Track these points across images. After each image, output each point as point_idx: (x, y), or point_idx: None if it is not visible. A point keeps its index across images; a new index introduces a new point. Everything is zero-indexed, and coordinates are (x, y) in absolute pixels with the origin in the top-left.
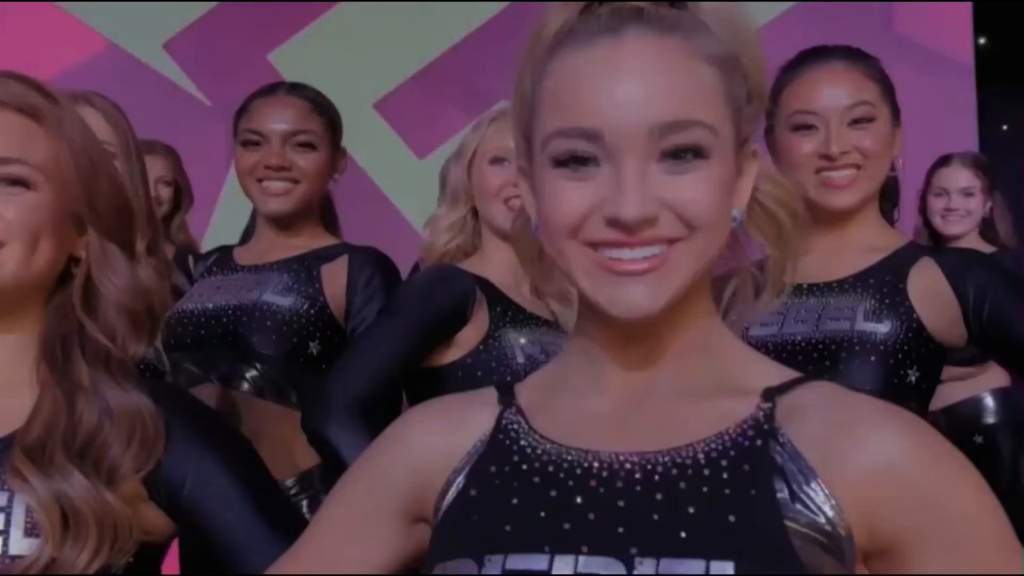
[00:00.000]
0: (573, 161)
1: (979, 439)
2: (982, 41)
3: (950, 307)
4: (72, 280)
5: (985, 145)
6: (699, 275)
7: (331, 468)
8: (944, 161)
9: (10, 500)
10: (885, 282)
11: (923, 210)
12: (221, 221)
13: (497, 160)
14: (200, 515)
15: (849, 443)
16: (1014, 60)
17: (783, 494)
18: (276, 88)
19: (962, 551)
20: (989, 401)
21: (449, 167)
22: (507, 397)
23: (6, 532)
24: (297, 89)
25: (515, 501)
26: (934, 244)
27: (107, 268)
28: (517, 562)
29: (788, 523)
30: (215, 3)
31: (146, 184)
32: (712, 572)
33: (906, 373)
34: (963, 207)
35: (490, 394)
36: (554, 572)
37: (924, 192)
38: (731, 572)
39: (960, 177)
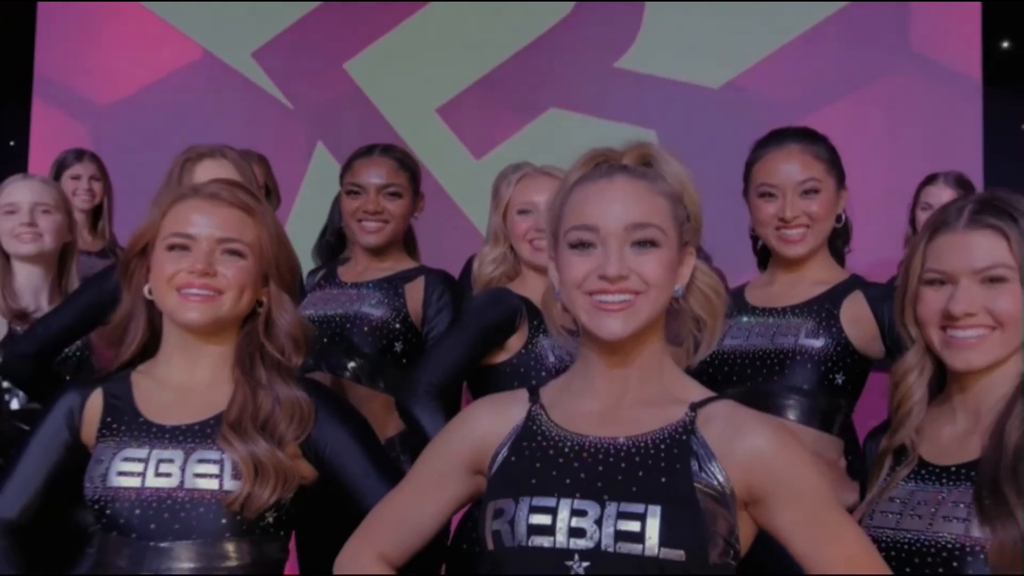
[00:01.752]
0: (581, 245)
1: None
2: (1005, 45)
3: (871, 329)
4: (258, 315)
5: (998, 145)
6: (653, 316)
7: (414, 436)
8: (930, 180)
9: (221, 456)
10: (824, 309)
11: (912, 221)
12: (301, 210)
13: (523, 211)
14: (335, 468)
15: (737, 440)
16: None
17: (695, 467)
18: (372, 149)
19: (802, 505)
20: None
21: (499, 185)
22: (534, 396)
23: (220, 476)
24: (388, 151)
25: (538, 465)
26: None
27: (281, 309)
28: (538, 501)
29: (696, 484)
30: (298, 17)
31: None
32: (649, 511)
33: (834, 377)
34: None
35: (523, 394)
36: (559, 508)
37: (913, 206)
38: (659, 511)
39: (943, 194)
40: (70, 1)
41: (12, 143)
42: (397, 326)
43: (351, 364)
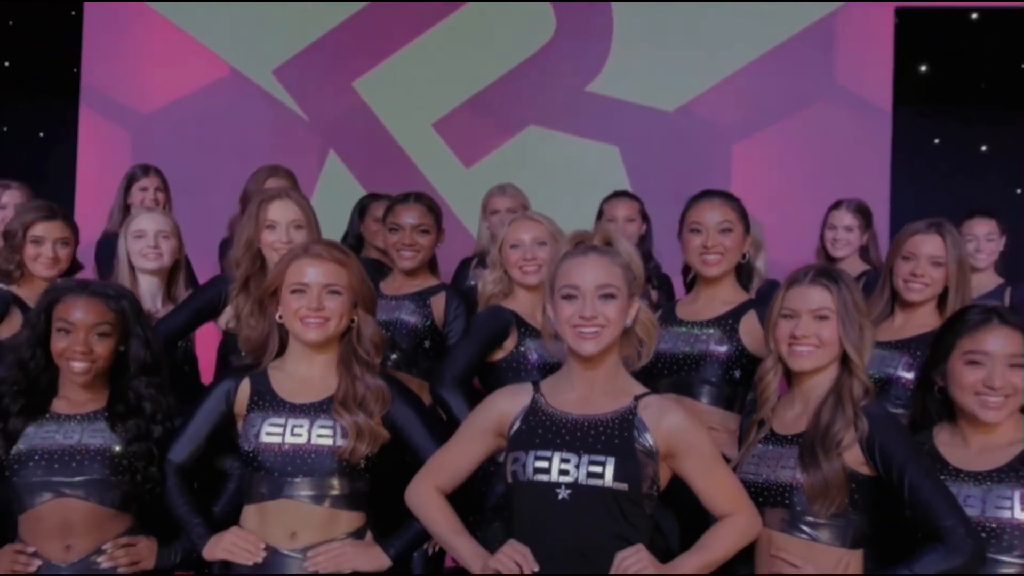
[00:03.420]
0: (568, 296)
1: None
2: (923, 68)
3: (761, 338)
4: (351, 330)
5: (911, 159)
6: (613, 341)
7: (441, 411)
8: (836, 205)
9: (334, 424)
10: (728, 323)
11: (821, 238)
12: (315, 209)
13: (514, 245)
14: (405, 434)
15: (662, 419)
16: (949, 83)
17: (636, 435)
18: (408, 197)
19: (699, 459)
20: None
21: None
22: (537, 388)
23: (334, 436)
24: (420, 198)
25: (539, 431)
26: (828, 263)
27: (366, 325)
28: (540, 453)
29: (635, 445)
30: (313, 39)
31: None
32: (607, 460)
33: (734, 373)
34: (845, 239)
35: (529, 386)
36: (553, 458)
37: (823, 226)
38: (613, 461)
39: (845, 217)
40: (114, 1)
41: (41, 134)
42: (426, 329)
43: (393, 356)
